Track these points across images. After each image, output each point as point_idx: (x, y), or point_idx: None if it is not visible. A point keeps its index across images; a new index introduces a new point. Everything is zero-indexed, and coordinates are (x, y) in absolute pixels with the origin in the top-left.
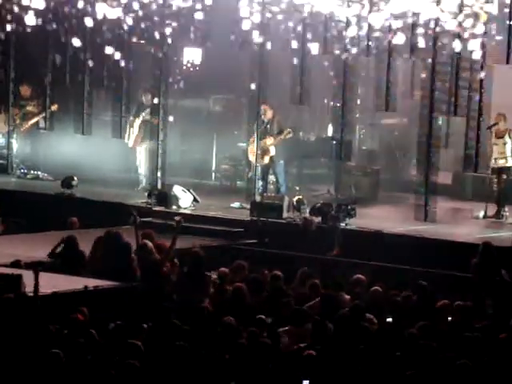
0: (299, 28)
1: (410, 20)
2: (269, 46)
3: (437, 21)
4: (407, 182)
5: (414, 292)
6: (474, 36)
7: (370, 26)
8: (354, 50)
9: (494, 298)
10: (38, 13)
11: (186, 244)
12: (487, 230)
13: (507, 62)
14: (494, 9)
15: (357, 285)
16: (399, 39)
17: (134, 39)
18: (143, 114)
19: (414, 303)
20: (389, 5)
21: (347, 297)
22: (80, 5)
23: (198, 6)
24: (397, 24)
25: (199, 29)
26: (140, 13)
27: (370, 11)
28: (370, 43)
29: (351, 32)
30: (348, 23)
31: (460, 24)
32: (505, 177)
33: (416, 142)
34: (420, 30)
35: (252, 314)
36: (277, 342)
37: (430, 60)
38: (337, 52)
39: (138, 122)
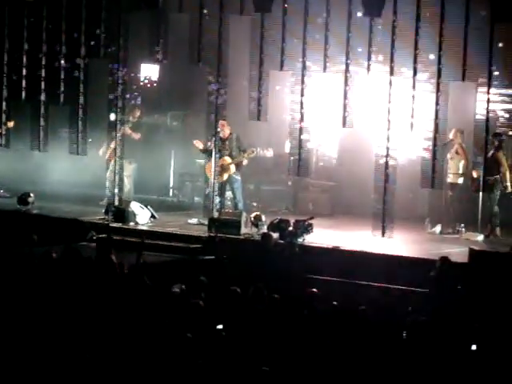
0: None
1: None
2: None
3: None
4: (364, 198)
5: (369, 307)
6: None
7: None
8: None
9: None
10: None
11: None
12: (443, 246)
13: (463, 80)
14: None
15: (312, 299)
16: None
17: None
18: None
19: (371, 318)
20: None
21: None
22: None
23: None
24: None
25: (156, 45)
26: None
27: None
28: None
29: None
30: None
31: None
32: (451, 193)
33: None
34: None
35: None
36: None
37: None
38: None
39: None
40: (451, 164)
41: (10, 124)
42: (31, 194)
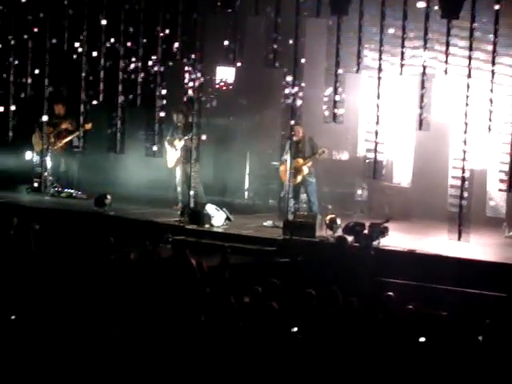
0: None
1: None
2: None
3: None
4: (440, 201)
5: (447, 312)
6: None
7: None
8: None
9: None
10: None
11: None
12: None
13: None
14: None
15: (388, 303)
16: (431, 62)
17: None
18: (186, 136)
19: (448, 323)
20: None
21: None
22: None
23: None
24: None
25: (232, 48)
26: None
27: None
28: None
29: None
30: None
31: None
32: None
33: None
34: (454, 50)
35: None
36: None
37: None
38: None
39: (179, 143)
40: None
41: (88, 126)
42: (108, 196)
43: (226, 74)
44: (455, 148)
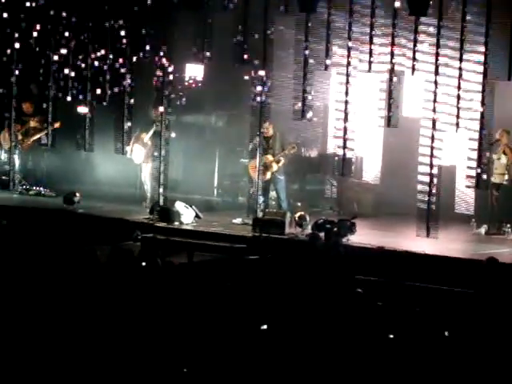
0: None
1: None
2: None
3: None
4: (409, 197)
5: (415, 308)
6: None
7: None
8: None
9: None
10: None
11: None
12: (489, 246)
13: (509, 79)
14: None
15: (357, 299)
16: (399, 59)
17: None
18: (153, 128)
19: (417, 319)
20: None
21: None
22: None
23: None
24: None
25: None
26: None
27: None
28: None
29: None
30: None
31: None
32: (496, 193)
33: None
34: (422, 47)
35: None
36: None
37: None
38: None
39: (147, 137)
40: (497, 164)
41: (57, 125)
42: (77, 194)
43: (195, 72)
44: (424, 144)
